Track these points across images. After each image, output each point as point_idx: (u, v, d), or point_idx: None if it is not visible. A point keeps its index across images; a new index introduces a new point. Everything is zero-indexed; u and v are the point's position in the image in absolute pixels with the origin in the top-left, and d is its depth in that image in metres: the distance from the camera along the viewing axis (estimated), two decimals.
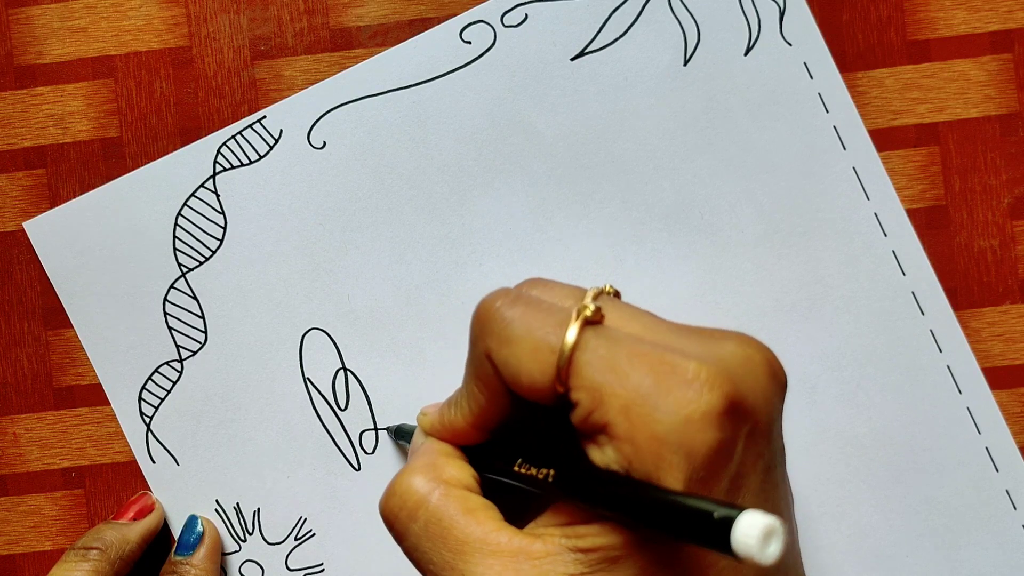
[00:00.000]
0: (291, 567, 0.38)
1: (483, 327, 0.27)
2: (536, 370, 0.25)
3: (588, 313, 0.25)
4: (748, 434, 0.24)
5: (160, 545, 0.37)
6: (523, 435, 0.29)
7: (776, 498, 0.26)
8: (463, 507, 0.27)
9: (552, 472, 0.27)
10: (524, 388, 0.26)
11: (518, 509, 0.28)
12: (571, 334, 0.25)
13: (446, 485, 0.27)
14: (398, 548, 0.38)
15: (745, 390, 0.24)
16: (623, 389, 0.24)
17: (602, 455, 0.25)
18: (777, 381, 0.26)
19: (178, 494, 0.38)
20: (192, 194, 0.37)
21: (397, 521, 0.28)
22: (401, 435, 0.36)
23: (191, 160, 0.37)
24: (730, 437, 0.24)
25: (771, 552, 0.20)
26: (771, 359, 0.26)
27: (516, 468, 0.28)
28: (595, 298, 0.26)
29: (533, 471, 0.27)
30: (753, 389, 0.25)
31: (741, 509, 0.21)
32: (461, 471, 0.28)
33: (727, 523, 0.21)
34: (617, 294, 0.28)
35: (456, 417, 0.29)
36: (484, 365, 0.27)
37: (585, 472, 0.25)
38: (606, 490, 0.25)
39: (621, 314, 0.27)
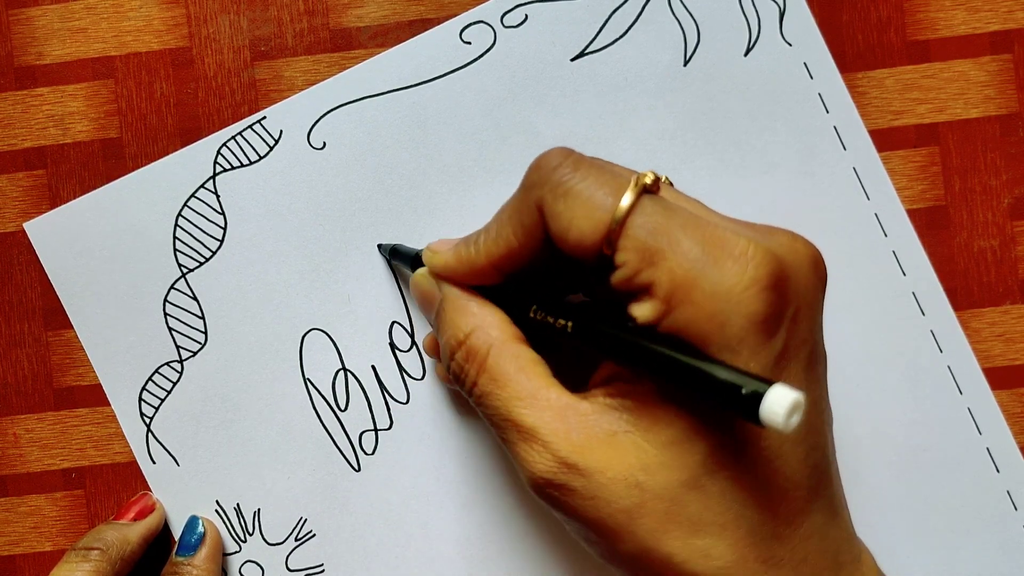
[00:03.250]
0: (291, 568, 0.37)
1: (542, 177, 0.27)
2: (587, 227, 0.26)
3: (648, 181, 0.26)
4: (792, 317, 0.25)
5: (161, 546, 0.37)
6: (532, 285, 0.30)
7: (817, 394, 0.27)
8: (515, 365, 0.28)
9: (570, 324, 0.27)
10: (569, 243, 0.27)
11: (557, 367, 0.29)
12: (628, 197, 0.26)
13: (497, 342, 0.29)
14: (398, 549, 0.38)
15: (790, 273, 0.25)
16: (672, 254, 0.25)
17: (639, 310, 0.26)
18: (819, 274, 0.27)
19: (178, 495, 0.38)
20: (192, 195, 0.37)
21: (464, 382, 0.29)
22: (397, 255, 0.36)
23: (191, 161, 0.37)
24: (773, 312, 0.25)
25: (792, 422, 0.22)
26: (815, 253, 0.27)
27: (531, 314, 0.29)
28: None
29: (549, 319, 0.28)
30: (797, 275, 0.25)
31: (769, 383, 0.22)
32: (505, 324, 0.29)
33: (755, 398, 0.22)
34: (670, 183, 0.29)
35: (478, 255, 0.29)
36: (532, 213, 0.28)
37: (611, 325, 0.26)
38: (633, 344, 0.25)
39: (675, 194, 0.28)
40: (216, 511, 0.38)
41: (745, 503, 0.25)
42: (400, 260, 0.36)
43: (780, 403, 0.22)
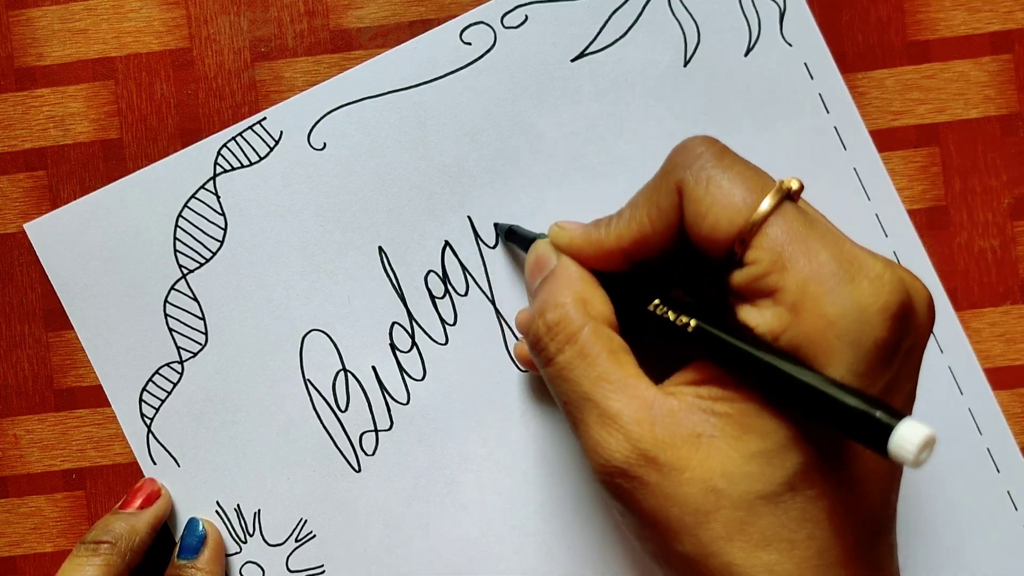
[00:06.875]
0: (292, 568, 0.37)
1: (687, 159, 0.27)
2: (724, 218, 0.26)
3: (793, 186, 0.26)
4: (907, 350, 0.25)
5: (161, 547, 0.37)
6: (659, 281, 0.29)
7: None
8: (608, 347, 0.27)
9: (693, 322, 0.27)
10: (702, 232, 0.26)
11: (645, 363, 0.28)
12: (770, 199, 0.25)
13: (595, 322, 0.28)
14: (398, 549, 0.38)
15: (915, 307, 0.25)
16: (808, 263, 0.24)
17: (758, 316, 0.25)
18: (931, 315, 0.26)
19: (179, 496, 0.38)
20: (192, 195, 0.37)
21: (545, 349, 0.29)
22: (513, 237, 0.35)
23: (191, 162, 0.37)
24: (895, 342, 0.24)
25: (923, 459, 0.21)
26: (930, 295, 0.27)
27: (651, 308, 0.28)
28: None
29: (671, 315, 0.27)
30: (917, 311, 0.25)
31: (902, 415, 0.22)
32: (605, 306, 0.29)
33: (887, 426, 0.21)
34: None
35: (608, 237, 0.29)
36: (671, 196, 0.27)
37: (735, 332, 0.25)
38: (753, 356, 0.25)
39: (810, 207, 0.28)
40: (216, 512, 0.38)
41: (819, 525, 0.25)
42: (516, 242, 0.35)
43: (913, 438, 0.21)
